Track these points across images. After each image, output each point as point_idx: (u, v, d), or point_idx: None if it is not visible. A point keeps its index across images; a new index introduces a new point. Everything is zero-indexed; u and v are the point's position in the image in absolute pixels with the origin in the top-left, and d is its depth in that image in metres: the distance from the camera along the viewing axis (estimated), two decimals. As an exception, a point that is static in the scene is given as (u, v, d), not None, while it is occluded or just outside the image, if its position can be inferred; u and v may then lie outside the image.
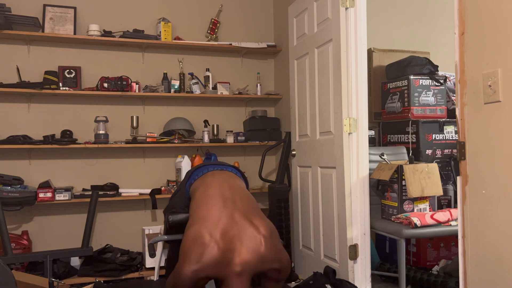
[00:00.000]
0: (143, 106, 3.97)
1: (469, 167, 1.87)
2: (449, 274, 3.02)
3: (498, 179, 1.73)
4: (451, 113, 3.72)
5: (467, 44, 1.87)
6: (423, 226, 2.73)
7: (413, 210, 2.92)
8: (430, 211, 2.95)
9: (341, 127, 2.90)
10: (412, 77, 3.57)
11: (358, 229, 2.89)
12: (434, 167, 2.90)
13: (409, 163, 2.97)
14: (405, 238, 2.75)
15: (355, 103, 2.91)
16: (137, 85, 3.77)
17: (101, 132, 3.62)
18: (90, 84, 3.79)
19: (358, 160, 2.90)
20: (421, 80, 3.59)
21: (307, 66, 3.38)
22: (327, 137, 3.09)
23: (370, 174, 3.03)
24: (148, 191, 3.75)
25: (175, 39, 3.95)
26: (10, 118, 3.60)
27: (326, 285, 2.79)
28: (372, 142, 3.83)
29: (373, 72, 3.99)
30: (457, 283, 2.77)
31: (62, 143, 3.49)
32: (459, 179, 1.92)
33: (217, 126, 4.04)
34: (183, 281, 0.83)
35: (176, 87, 3.92)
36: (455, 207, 3.35)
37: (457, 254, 3.34)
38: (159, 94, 3.79)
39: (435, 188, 2.88)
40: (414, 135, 3.55)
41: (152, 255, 1.39)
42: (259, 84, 4.18)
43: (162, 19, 3.87)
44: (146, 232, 3.59)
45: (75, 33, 3.68)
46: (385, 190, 3.06)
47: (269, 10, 4.41)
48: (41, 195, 3.37)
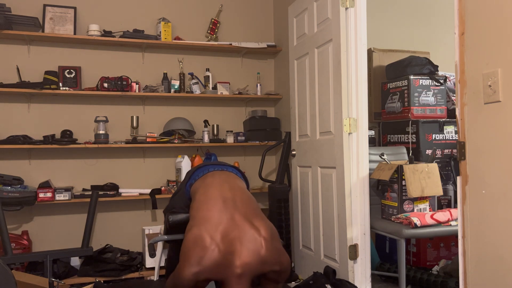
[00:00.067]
0: (143, 106, 3.97)
1: (469, 167, 1.87)
2: (449, 274, 3.02)
3: (498, 179, 1.73)
4: (451, 113, 3.72)
5: (467, 44, 1.87)
6: (423, 226, 2.73)
7: (413, 210, 2.92)
8: (430, 211, 2.95)
9: (341, 127, 2.90)
10: (412, 77, 3.57)
11: (358, 229, 2.89)
12: (434, 167, 2.90)
13: (409, 163, 2.98)
14: (405, 238, 2.75)
15: (355, 103, 2.91)
16: (137, 85, 3.77)
17: (101, 132, 3.62)
18: (90, 84, 3.79)
19: (358, 160, 2.90)
20: (421, 80, 3.59)
21: (307, 66, 3.38)
22: (327, 137, 3.09)
23: (370, 174, 3.03)
24: (148, 191, 3.76)
25: (175, 39, 3.95)
26: (10, 118, 3.60)
27: (326, 285, 2.79)
28: (372, 142, 3.83)
29: (373, 72, 3.98)
30: (457, 283, 2.77)
31: (62, 143, 3.49)
32: (459, 179, 1.92)
33: (217, 126, 4.04)
34: (183, 283, 0.83)
35: (176, 87, 3.92)
36: (455, 207, 3.35)
37: (457, 254, 3.34)
38: (159, 94, 3.79)
39: (435, 188, 2.88)
40: (414, 135, 3.55)
41: (152, 255, 1.39)
42: (259, 84, 4.18)
43: (162, 19, 3.87)
44: (146, 232, 3.59)
45: (75, 33, 3.68)
46: (385, 190, 3.06)
47: (269, 10, 4.41)
48: (41, 195, 3.37)
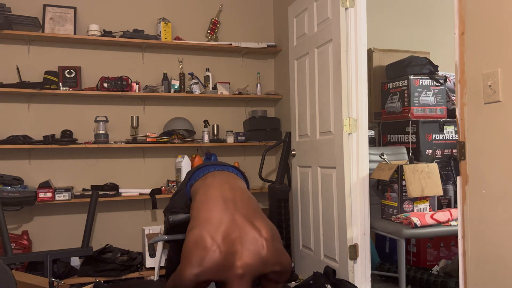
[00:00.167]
0: (143, 106, 3.97)
1: (469, 167, 1.87)
2: (449, 274, 3.02)
3: (498, 179, 1.73)
4: (451, 113, 3.72)
5: (467, 44, 1.87)
6: (423, 226, 2.73)
7: (413, 210, 2.92)
8: (430, 211, 2.95)
9: (341, 127, 2.90)
10: (412, 77, 3.57)
11: (358, 229, 2.89)
12: (434, 167, 2.90)
13: (409, 163, 2.97)
14: (405, 238, 2.75)
15: (355, 103, 2.91)
16: (137, 85, 3.77)
17: (101, 132, 3.62)
18: (90, 84, 3.79)
19: (358, 160, 2.90)
20: (421, 80, 3.59)
21: (307, 66, 3.38)
22: (327, 137, 3.09)
23: (370, 174, 3.03)
24: (148, 191, 3.76)
25: (175, 39, 3.95)
26: (10, 118, 3.60)
27: (326, 285, 2.79)
28: (372, 142, 3.83)
29: (373, 72, 3.98)
30: (457, 283, 2.76)
31: (62, 143, 3.49)
32: (459, 179, 1.92)
33: (217, 126, 4.04)
34: (184, 284, 0.83)
35: (176, 87, 3.92)
36: (455, 207, 3.35)
37: (457, 254, 3.34)
38: (159, 94, 3.79)
39: (435, 188, 2.88)
40: (414, 135, 3.55)
41: (152, 255, 1.39)
42: (259, 84, 4.18)
43: (162, 19, 3.86)
44: (146, 232, 3.59)
45: (75, 33, 3.68)
46: (385, 190, 3.06)
47: (269, 10, 4.41)
48: (41, 195, 3.37)
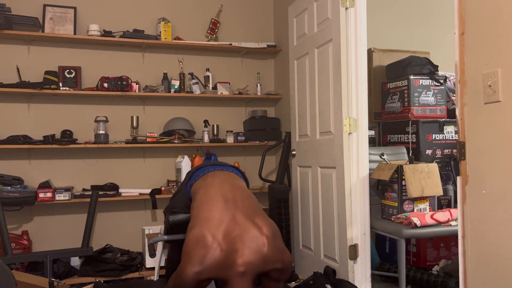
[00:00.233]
0: (143, 106, 3.97)
1: (469, 167, 1.87)
2: (449, 274, 3.02)
3: (498, 179, 1.73)
4: (451, 113, 3.72)
5: (467, 44, 1.87)
6: (423, 226, 2.73)
7: (413, 210, 2.92)
8: (430, 211, 2.95)
9: (341, 127, 2.90)
10: (412, 77, 3.57)
11: (358, 229, 2.89)
12: (434, 167, 2.90)
13: (409, 163, 2.97)
14: (405, 238, 2.75)
15: (355, 103, 2.91)
16: (137, 85, 3.77)
17: (101, 132, 3.62)
18: (90, 84, 3.79)
19: (358, 160, 2.90)
20: (421, 80, 3.59)
21: (307, 66, 3.38)
22: (327, 137, 3.09)
23: (370, 174, 3.03)
24: (148, 191, 3.76)
25: (175, 39, 3.95)
26: (10, 118, 3.60)
27: (326, 285, 2.79)
28: (372, 142, 3.83)
29: (373, 72, 3.98)
30: (457, 283, 2.76)
31: (62, 143, 3.49)
32: (459, 179, 1.92)
33: (217, 126, 4.04)
34: (185, 283, 0.83)
35: (176, 87, 3.91)
36: (455, 207, 3.35)
37: (457, 254, 3.34)
38: (159, 94, 3.79)
39: (435, 188, 2.88)
40: (414, 135, 3.55)
41: (152, 255, 1.39)
42: (259, 84, 4.18)
43: (162, 19, 3.86)
44: (146, 232, 3.59)
45: (75, 33, 3.68)
46: (385, 190, 3.06)
47: (269, 10, 4.41)
48: (41, 195, 3.37)
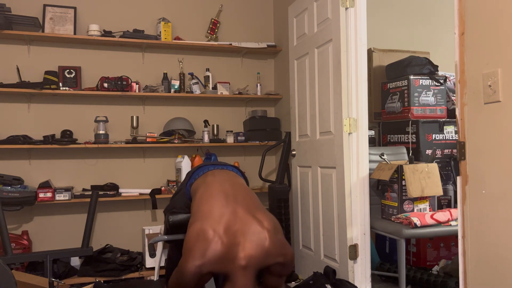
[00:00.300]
0: (143, 106, 3.97)
1: (469, 167, 1.87)
2: (449, 274, 3.02)
3: (498, 179, 1.73)
4: (451, 113, 3.72)
5: (467, 44, 1.87)
6: (423, 226, 2.73)
7: (413, 210, 2.92)
8: (430, 211, 2.95)
9: (341, 127, 2.90)
10: (412, 77, 3.57)
11: (358, 229, 2.89)
12: (434, 167, 2.90)
13: (409, 163, 2.97)
14: (405, 238, 2.75)
15: (355, 103, 2.91)
16: (137, 85, 3.77)
17: (101, 132, 3.62)
18: (90, 84, 3.79)
19: (358, 160, 2.90)
20: (421, 80, 3.59)
21: (307, 66, 3.38)
22: (327, 137, 3.09)
23: (370, 174, 3.03)
24: (148, 191, 3.75)
25: (175, 39, 3.95)
26: (10, 118, 3.60)
27: (326, 285, 2.79)
28: (372, 142, 3.83)
29: (373, 72, 3.98)
30: (457, 283, 2.76)
31: (62, 143, 3.49)
32: (459, 179, 1.92)
33: (217, 126, 4.04)
34: (187, 277, 0.82)
35: (176, 87, 3.91)
36: (455, 207, 3.35)
37: (457, 254, 3.34)
38: (159, 94, 3.79)
39: (435, 188, 2.88)
40: (414, 135, 3.55)
41: (152, 255, 1.39)
42: (259, 84, 4.18)
43: (162, 19, 3.86)
44: (146, 232, 3.59)
45: (75, 33, 3.68)
46: (385, 190, 3.06)
47: (269, 10, 4.41)
48: (41, 195, 3.37)
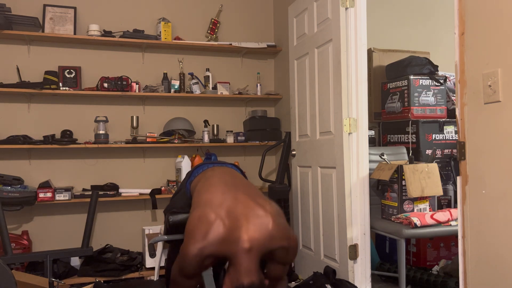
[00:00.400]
0: (143, 106, 3.97)
1: (469, 167, 1.87)
2: (449, 274, 3.02)
3: (498, 179, 1.73)
4: (451, 113, 3.72)
5: (467, 44, 1.87)
6: (423, 226, 2.73)
7: (413, 210, 2.92)
8: (430, 211, 2.95)
9: (341, 127, 2.90)
10: (412, 77, 3.57)
11: (358, 229, 2.89)
12: (434, 167, 2.90)
13: (409, 163, 2.97)
14: (405, 238, 2.75)
15: (355, 103, 2.91)
16: (137, 85, 3.77)
17: (101, 132, 3.62)
18: (90, 84, 3.79)
19: (358, 160, 2.90)
20: (421, 80, 3.59)
21: (307, 66, 3.38)
22: (327, 137, 3.09)
23: (370, 174, 3.03)
24: (148, 191, 3.75)
25: (175, 39, 3.95)
26: (10, 118, 3.60)
27: (326, 285, 2.79)
28: (372, 142, 3.83)
29: (373, 72, 3.98)
30: (457, 283, 2.76)
31: (62, 143, 3.49)
32: (459, 179, 1.92)
33: (217, 126, 4.04)
34: (189, 260, 0.81)
35: (176, 87, 3.91)
36: (455, 207, 3.35)
37: (457, 254, 3.34)
38: (159, 94, 3.79)
39: (435, 188, 2.88)
40: (414, 135, 3.55)
41: (152, 255, 1.39)
42: (259, 84, 4.18)
43: (162, 19, 3.86)
44: (146, 232, 3.59)
45: (75, 33, 3.68)
46: (385, 190, 3.06)
47: (269, 10, 4.40)
48: (41, 195, 3.37)
